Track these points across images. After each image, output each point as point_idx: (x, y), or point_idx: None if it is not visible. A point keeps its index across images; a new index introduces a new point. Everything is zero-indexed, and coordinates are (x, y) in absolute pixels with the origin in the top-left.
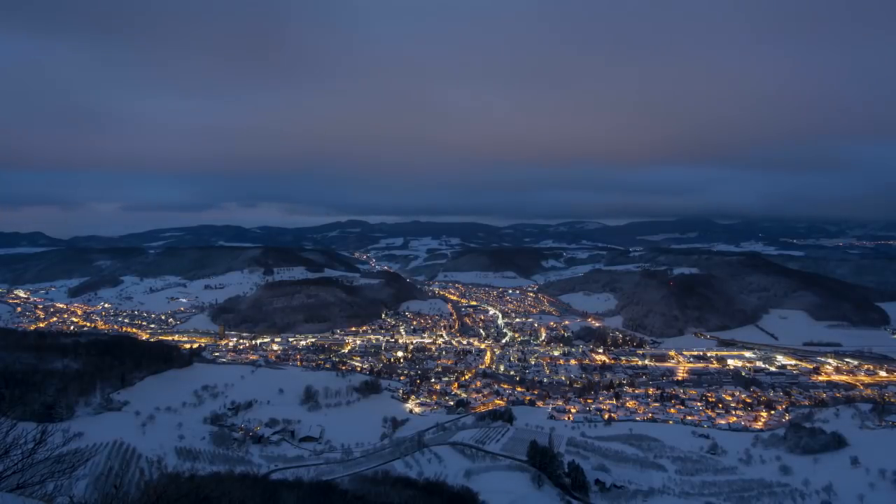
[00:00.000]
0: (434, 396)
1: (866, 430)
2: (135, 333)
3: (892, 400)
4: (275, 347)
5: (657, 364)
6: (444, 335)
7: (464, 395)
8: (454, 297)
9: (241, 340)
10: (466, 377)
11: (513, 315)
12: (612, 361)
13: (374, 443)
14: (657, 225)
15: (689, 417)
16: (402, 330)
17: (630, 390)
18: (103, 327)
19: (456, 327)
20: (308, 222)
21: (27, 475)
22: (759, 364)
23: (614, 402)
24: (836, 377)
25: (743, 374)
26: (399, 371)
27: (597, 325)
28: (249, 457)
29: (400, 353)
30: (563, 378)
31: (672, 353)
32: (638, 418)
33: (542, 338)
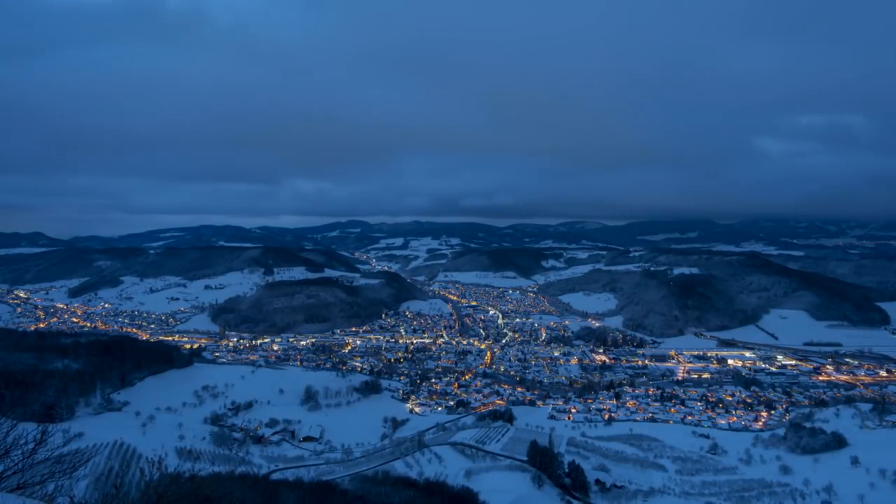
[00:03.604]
0: (434, 396)
1: (866, 430)
2: (135, 334)
3: (892, 400)
4: (275, 347)
5: (657, 364)
6: (445, 335)
7: (464, 396)
8: (454, 298)
9: (242, 340)
10: (467, 377)
11: (513, 315)
12: (613, 361)
13: (374, 443)
14: (657, 225)
15: (690, 417)
16: (402, 330)
17: (630, 390)
18: (103, 327)
19: (456, 327)
20: (308, 222)
21: (27, 475)
22: (760, 364)
23: (614, 402)
24: (836, 377)
25: (743, 374)
26: (399, 371)
27: (597, 325)
28: (250, 457)
29: (400, 354)
30: (564, 378)
31: (672, 353)
32: (638, 418)
33: (543, 338)
